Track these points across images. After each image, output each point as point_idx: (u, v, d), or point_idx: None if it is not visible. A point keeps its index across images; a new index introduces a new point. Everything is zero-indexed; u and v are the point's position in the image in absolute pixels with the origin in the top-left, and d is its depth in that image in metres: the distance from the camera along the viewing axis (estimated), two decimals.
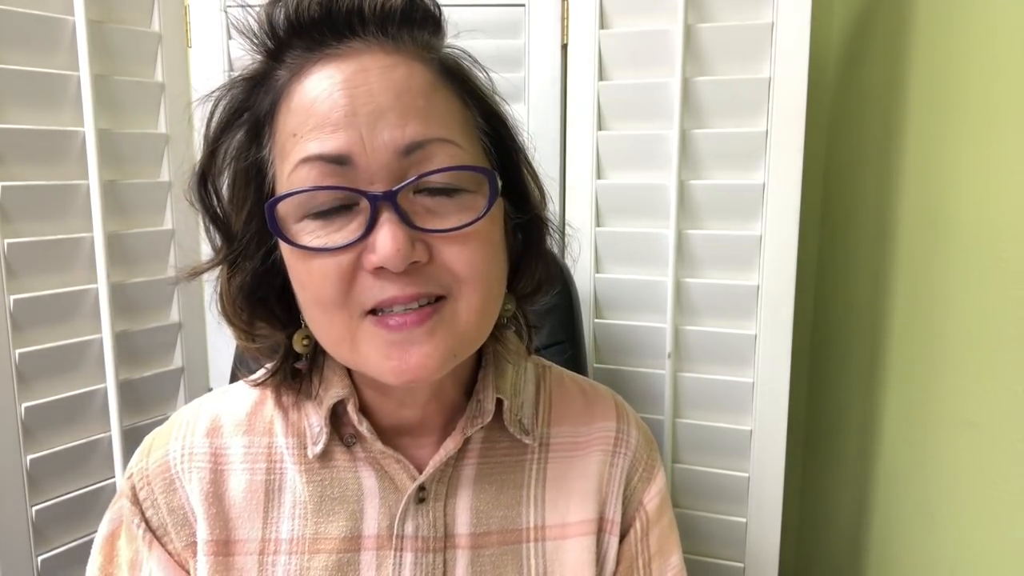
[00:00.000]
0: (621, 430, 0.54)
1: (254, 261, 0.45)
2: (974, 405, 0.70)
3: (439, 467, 0.48)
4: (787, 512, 0.93)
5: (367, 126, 0.39)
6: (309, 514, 0.47)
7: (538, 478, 0.51)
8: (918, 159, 0.83)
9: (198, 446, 0.49)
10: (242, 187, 0.45)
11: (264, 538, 0.47)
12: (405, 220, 0.40)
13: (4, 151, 0.84)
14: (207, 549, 0.46)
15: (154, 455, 0.49)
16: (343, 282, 0.40)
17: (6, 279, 0.84)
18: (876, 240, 0.93)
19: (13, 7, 0.84)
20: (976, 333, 0.69)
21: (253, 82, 0.44)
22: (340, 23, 0.41)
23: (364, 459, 0.49)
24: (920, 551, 0.80)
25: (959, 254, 0.73)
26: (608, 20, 0.91)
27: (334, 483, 0.48)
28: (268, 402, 0.51)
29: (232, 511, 0.48)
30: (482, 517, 0.49)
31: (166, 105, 0.99)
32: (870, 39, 0.99)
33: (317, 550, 0.47)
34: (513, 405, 0.51)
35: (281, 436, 0.49)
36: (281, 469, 0.49)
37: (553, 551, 0.50)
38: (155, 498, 0.48)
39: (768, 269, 0.88)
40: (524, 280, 0.50)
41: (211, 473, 0.48)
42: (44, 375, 0.88)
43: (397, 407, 0.49)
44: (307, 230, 0.41)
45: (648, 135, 0.91)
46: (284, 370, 0.49)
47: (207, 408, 0.51)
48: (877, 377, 0.92)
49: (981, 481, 0.68)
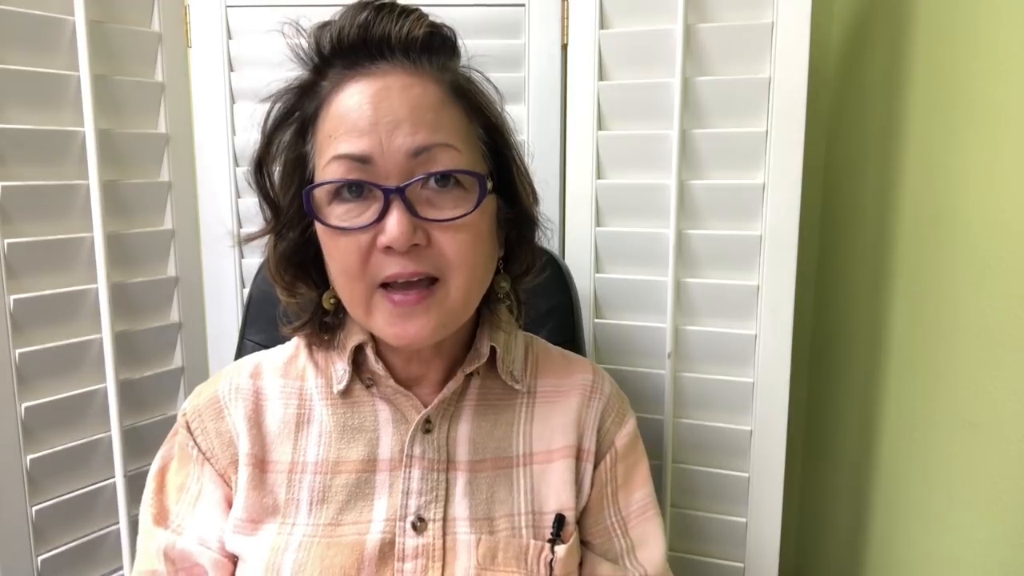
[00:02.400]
0: (596, 382, 0.65)
1: (295, 233, 0.56)
2: (974, 405, 0.70)
3: (442, 403, 0.58)
4: (787, 512, 0.93)
5: (386, 133, 0.50)
6: (333, 440, 0.58)
7: (527, 417, 0.61)
8: (918, 159, 0.83)
9: (243, 384, 0.60)
10: (290, 175, 0.55)
11: (293, 460, 0.57)
12: (410, 209, 0.50)
13: (4, 151, 0.84)
14: (247, 460, 0.57)
15: (204, 393, 0.60)
16: (361, 256, 0.51)
17: (6, 279, 0.85)
18: (876, 240, 0.93)
19: (13, 7, 0.84)
20: (976, 333, 0.69)
21: (302, 90, 0.54)
22: (373, 48, 0.52)
23: (380, 396, 0.59)
24: (920, 551, 0.80)
25: (959, 254, 0.73)
26: (608, 20, 0.91)
27: (355, 415, 0.58)
28: (302, 354, 0.62)
29: (268, 436, 0.58)
30: (478, 447, 0.59)
31: (166, 105, 0.99)
32: (870, 39, 0.99)
33: (339, 471, 0.57)
34: (506, 358, 0.61)
35: (312, 379, 0.60)
36: (310, 406, 0.59)
37: (540, 473, 0.60)
38: (205, 426, 0.58)
39: (768, 269, 0.88)
40: (516, 264, 0.61)
41: (253, 404, 0.59)
42: (44, 375, 0.88)
43: (406, 361, 0.59)
44: (335, 213, 0.51)
45: (648, 135, 0.91)
46: (315, 322, 0.59)
47: (252, 357, 0.63)
48: (877, 377, 0.92)
49: (981, 481, 0.68)
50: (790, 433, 0.90)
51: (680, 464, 0.95)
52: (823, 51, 1.10)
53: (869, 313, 0.95)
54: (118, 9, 0.94)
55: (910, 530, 0.83)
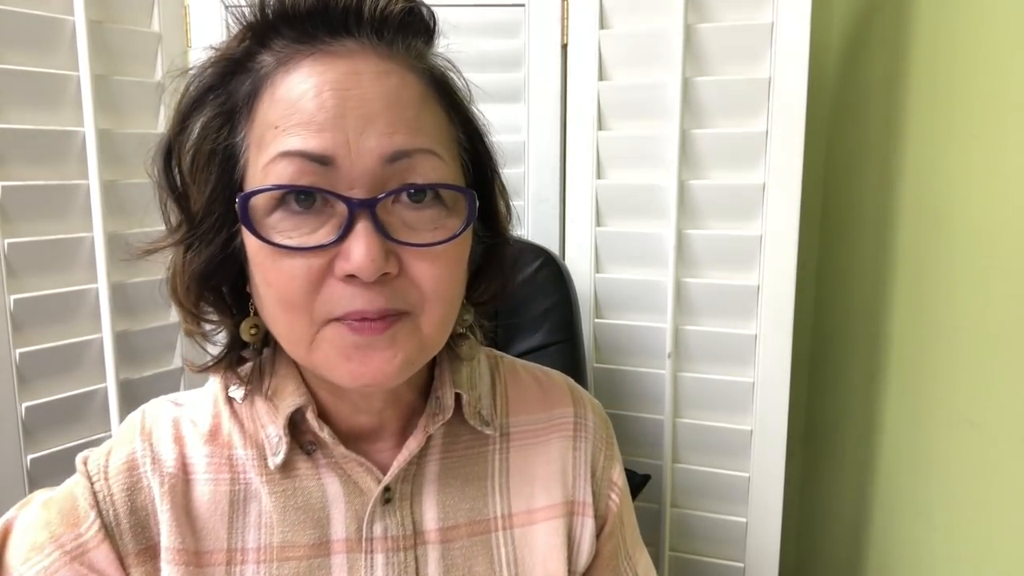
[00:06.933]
0: (579, 414, 0.55)
1: (212, 247, 0.44)
2: (974, 405, 0.70)
3: (403, 467, 0.48)
4: (787, 512, 0.93)
5: (355, 130, 0.39)
6: (275, 524, 0.46)
7: (501, 468, 0.52)
8: (918, 158, 0.83)
9: (166, 454, 0.47)
10: (205, 168, 0.43)
11: (230, 548, 0.46)
12: (381, 230, 0.39)
13: (4, 151, 0.84)
14: (176, 558, 0.44)
15: (116, 455, 0.47)
16: (311, 285, 0.40)
17: (6, 279, 0.84)
18: (876, 240, 0.93)
19: (13, 7, 0.84)
20: (976, 333, 0.69)
21: (233, 62, 0.42)
22: (335, 19, 0.41)
23: (326, 465, 0.48)
24: (920, 551, 0.80)
25: (959, 254, 0.73)
26: (608, 20, 0.91)
27: (297, 492, 0.47)
28: (223, 412, 0.49)
29: (198, 522, 0.46)
30: (449, 511, 0.49)
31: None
32: (870, 39, 0.99)
33: (286, 557, 0.46)
34: (472, 399, 0.51)
35: (240, 448, 0.48)
36: (245, 480, 0.47)
37: (521, 537, 0.51)
38: (113, 496, 0.45)
39: (768, 269, 0.88)
40: (481, 291, 0.51)
41: (180, 481, 0.46)
42: (44, 375, 0.88)
43: (353, 412, 0.48)
44: (279, 228, 0.40)
45: (648, 135, 0.91)
46: (229, 358, 0.48)
47: (167, 413, 0.49)
48: (877, 377, 0.92)
49: (981, 481, 0.68)
50: (790, 433, 0.90)
51: (680, 464, 0.95)
52: (823, 51, 1.10)
53: (869, 313, 0.95)
54: (118, 9, 0.94)
55: (910, 530, 0.83)
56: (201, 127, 0.43)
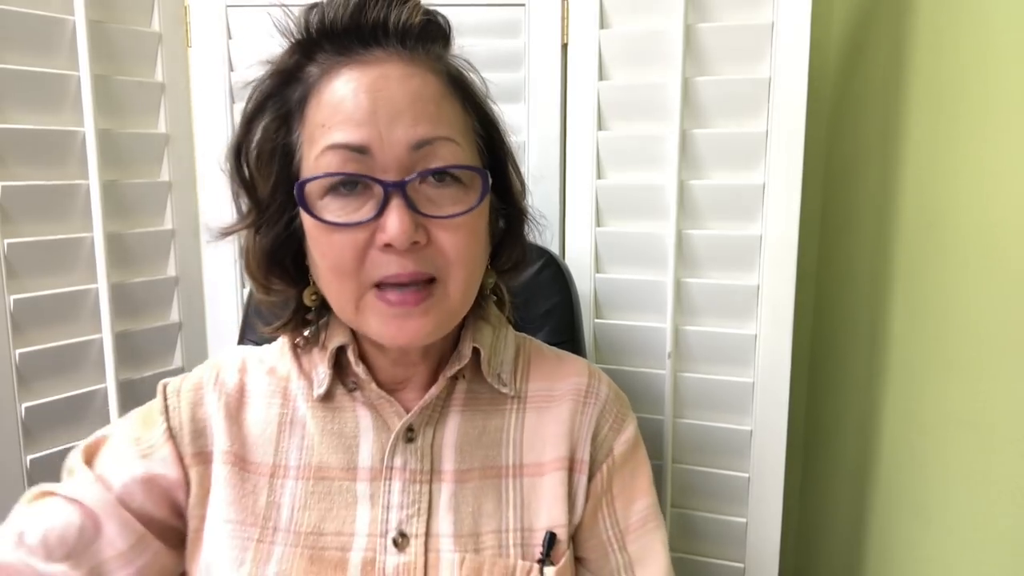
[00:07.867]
0: (591, 384, 0.61)
1: (277, 227, 0.53)
2: (974, 405, 0.70)
3: (425, 408, 0.55)
4: (787, 512, 0.93)
5: (385, 124, 0.47)
6: (315, 446, 0.55)
7: (517, 424, 0.58)
8: (918, 159, 0.83)
9: (229, 377, 0.58)
10: (268, 163, 0.52)
11: (275, 463, 0.55)
12: (411, 206, 0.47)
13: (4, 151, 0.84)
14: (226, 458, 0.54)
15: (190, 379, 0.58)
16: (357, 254, 0.48)
17: (6, 279, 0.85)
18: (876, 240, 0.93)
19: (13, 7, 0.84)
20: (976, 333, 0.69)
21: (286, 74, 0.51)
22: (367, 33, 0.50)
23: (362, 402, 0.57)
24: (919, 551, 0.80)
25: (959, 254, 0.73)
26: (608, 20, 0.91)
27: (335, 420, 0.56)
28: (287, 354, 0.59)
29: (249, 437, 0.55)
30: (465, 455, 0.56)
31: (166, 105, 0.99)
32: (870, 39, 0.99)
33: (321, 476, 0.54)
34: (493, 360, 0.58)
35: (295, 380, 0.57)
36: (294, 406, 0.57)
37: (530, 485, 0.57)
38: (180, 407, 0.55)
39: (768, 269, 0.88)
40: (503, 258, 0.59)
41: (236, 400, 0.56)
42: (44, 375, 0.88)
43: (391, 365, 0.57)
44: (329, 208, 0.49)
45: (648, 135, 0.91)
46: (296, 320, 0.57)
47: (240, 351, 0.61)
48: (877, 377, 0.92)
49: (980, 481, 0.68)
50: (790, 433, 0.90)
51: (680, 464, 0.95)
52: (823, 51, 1.10)
53: (869, 313, 0.95)
54: (118, 9, 0.94)
55: (909, 530, 0.83)
56: (263, 129, 0.52)
